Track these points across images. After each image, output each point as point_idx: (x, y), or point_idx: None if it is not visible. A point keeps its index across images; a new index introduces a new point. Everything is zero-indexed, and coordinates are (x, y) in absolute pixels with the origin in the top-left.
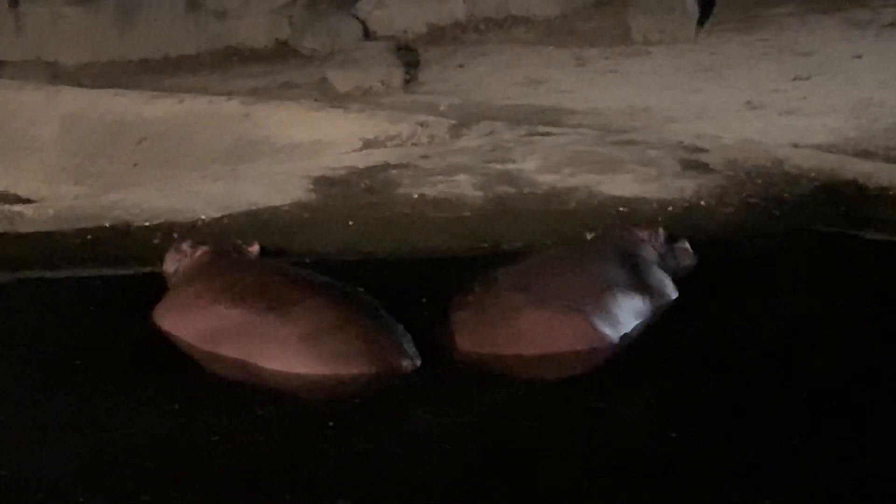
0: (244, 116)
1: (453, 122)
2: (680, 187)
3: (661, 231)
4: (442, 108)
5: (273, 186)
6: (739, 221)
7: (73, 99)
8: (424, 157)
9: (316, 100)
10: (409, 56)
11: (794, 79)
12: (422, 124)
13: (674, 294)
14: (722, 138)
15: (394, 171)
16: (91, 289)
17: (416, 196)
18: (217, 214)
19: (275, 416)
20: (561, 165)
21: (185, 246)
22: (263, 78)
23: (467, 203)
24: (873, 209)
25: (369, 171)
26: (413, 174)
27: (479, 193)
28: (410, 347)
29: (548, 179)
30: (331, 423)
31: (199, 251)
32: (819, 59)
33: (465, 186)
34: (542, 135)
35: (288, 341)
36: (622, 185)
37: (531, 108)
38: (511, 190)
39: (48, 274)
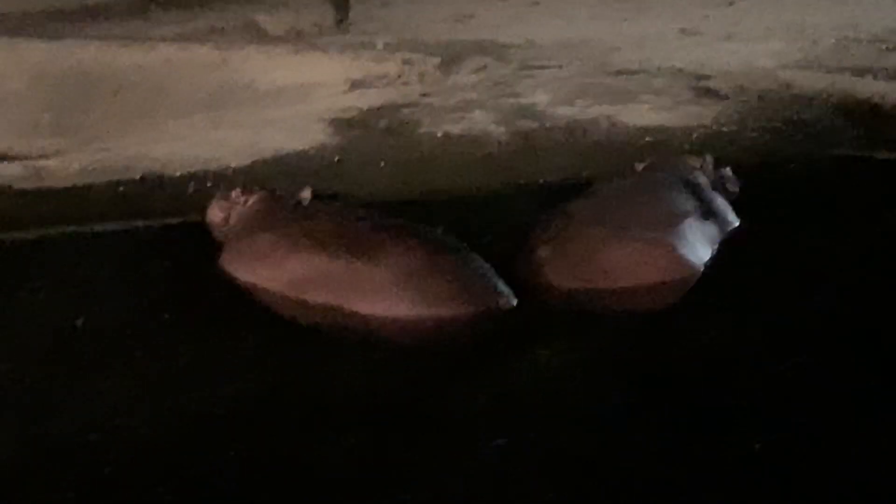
0: (221, 62)
1: (437, 59)
2: (697, 115)
3: (709, 158)
4: (379, 46)
5: (288, 131)
6: (764, 146)
7: (35, 51)
8: (426, 95)
9: (294, 44)
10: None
11: (720, 5)
12: (408, 62)
13: (736, 220)
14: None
15: (406, 111)
16: (139, 240)
17: (440, 135)
18: (247, 161)
19: (389, 360)
20: (572, 98)
21: (235, 194)
22: (187, 23)
23: (493, 139)
24: (893, 128)
25: (379, 111)
26: (427, 113)
27: (503, 129)
28: (504, 287)
29: (566, 112)
30: (451, 364)
31: (252, 198)
32: None
33: (485, 123)
34: (537, 68)
35: (383, 284)
36: (641, 115)
37: (468, 44)
38: (533, 124)
39: (92, 228)
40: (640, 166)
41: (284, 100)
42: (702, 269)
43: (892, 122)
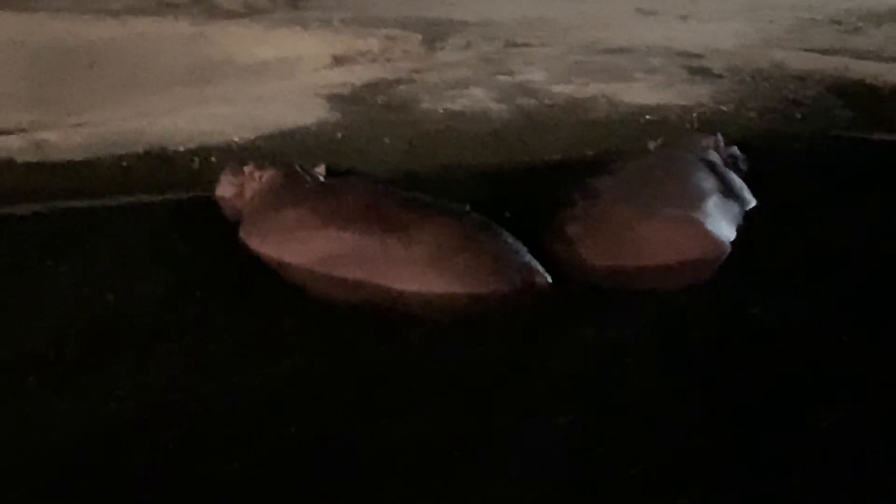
0: (198, 36)
1: (419, 35)
2: (696, 93)
3: (720, 137)
4: (335, 22)
5: (286, 106)
6: (765, 125)
7: (5, 23)
8: (416, 71)
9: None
10: None
11: None
12: (390, 38)
13: (752, 199)
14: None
15: (401, 87)
16: (152, 216)
17: (441, 111)
18: (250, 136)
19: (428, 337)
20: (569, 75)
21: (248, 170)
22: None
23: (494, 116)
24: (891, 109)
25: (374, 87)
26: (424, 90)
27: (503, 106)
28: (538, 264)
29: (564, 90)
30: (493, 342)
31: (267, 174)
32: None
33: (485, 100)
34: (523, 45)
35: (419, 261)
36: (639, 94)
37: (426, 20)
38: (532, 101)
39: (102, 202)
40: (653, 144)
41: (268, 75)
42: (728, 246)
43: (886, 102)
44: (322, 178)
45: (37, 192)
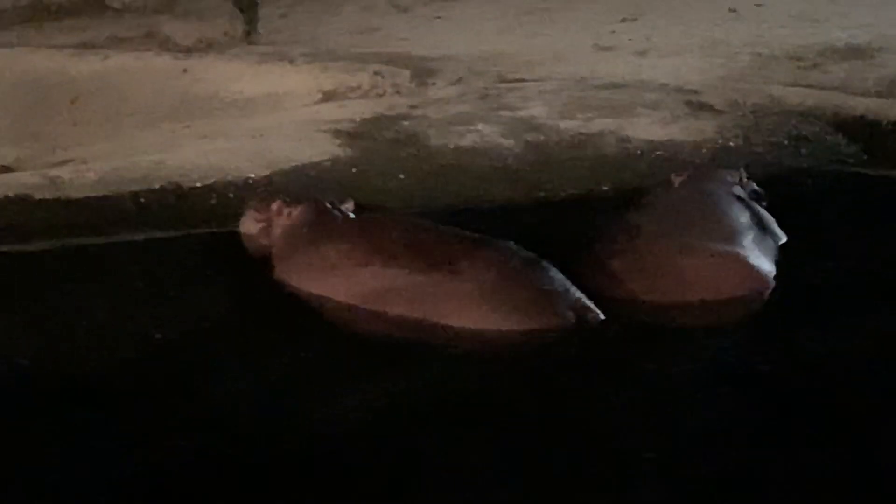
0: (182, 72)
1: (407, 72)
2: (700, 128)
3: (743, 171)
4: (297, 58)
5: (293, 142)
6: (774, 160)
7: None
8: (414, 107)
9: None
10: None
11: (623, 20)
12: (379, 74)
13: (783, 234)
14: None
15: (406, 123)
16: (175, 251)
17: (451, 147)
18: (265, 172)
19: (483, 373)
20: (572, 111)
21: (276, 205)
22: (85, 32)
23: (505, 152)
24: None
25: (375, 122)
26: (428, 125)
27: (512, 142)
28: (589, 300)
29: (569, 126)
30: (550, 378)
31: (297, 210)
32: (635, 1)
33: (493, 136)
34: (514, 81)
35: (470, 296)
36: (645, 129)
37: (385, 56)
38: (541, 137)
39: (119, 238)
40: (677, 179)
41: (257, 110)
42: (772, 281)
43: (890, 137)
44: (351, 214)
45: (52, 229)
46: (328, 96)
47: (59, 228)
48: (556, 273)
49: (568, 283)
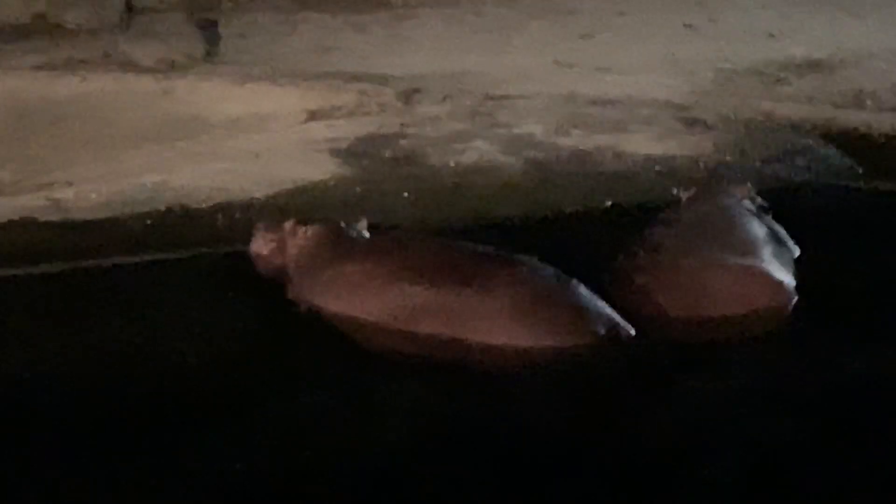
0: (163, 93)
1: (391, 90)
2: (696, 143)
3: (750, 186)
4: (260, 77)
5: (293, 161)
6: (772, 174)
7: None
8: (406, 125)
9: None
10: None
11: (581, 37)
12: (363, 93)
13: (796, 247)
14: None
15: (403, 142)
16: (185, 273)
17: (452, 164)
18: (270, 192)
19: (517, 391)
20: (567, 128)
21: (289, 226)
22: (43, 54)
23: (507, 169)
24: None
25: (370, 141)
26: (426, 143)
27: (513, 159)
28: (619, 316)
29: (568, 142)
30: (586, 396)
31: (312, 230)
32: (588, 18)
33: (492, 153)
34: (499, 98)
35: (501, 314)
36: (642, 145)
37: (348, 75)
38: (540, 154)
39: (126, 260)
40: (685, 195)
41: (243, 130)
42: (796, 294)
43: (884, 150)
44: (366, 233)
45: (59, 252)
46: (314, 115)
47: (65, 251)
48: (585, 290)
49: (598, 300)
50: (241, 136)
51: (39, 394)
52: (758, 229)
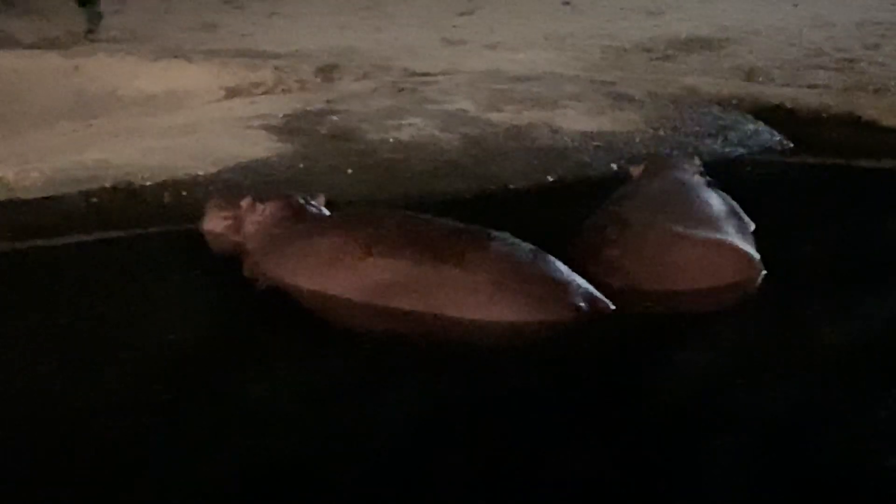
0: (73, 70)
1: (308, 67)
2: (628, 119)
3: (697, 160)
4: (147, 55)
5: (231, 139)
6: (706, 149)
7: None
8: (331, 101)
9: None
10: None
11: (462, 14)
12: (280, 70)
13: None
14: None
15: (335, 118)
16: (137, 250)
17: (391, 140)
18: (213, 169)
19: (496, 366)
20: (497, 104)
21: (246, 202)
22: None
23: (445, 145)
24: (815, 131)
25: (302, 118)
26: (359, 119)
27: (450, 135)
28: (596, 290)
29: (500, 118)
30: (564, 369)
31: (269, 206)
32: None
33: (429, 129)
34: (421, 75)
35: (481, 289)
36: (575, 120)
37: (238, 51)
38: (476, 130)
39: (74, 239)
40: (635, 170)
41: (161, 107)
42: (761, 267)
43: (811, 126)
44: (325, 210)
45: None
46: (233, 93)
47: (10, 230)
48: (560, 264)
49: (574, 274)
50: (161, 113)
51: None
52: (718, 203)
